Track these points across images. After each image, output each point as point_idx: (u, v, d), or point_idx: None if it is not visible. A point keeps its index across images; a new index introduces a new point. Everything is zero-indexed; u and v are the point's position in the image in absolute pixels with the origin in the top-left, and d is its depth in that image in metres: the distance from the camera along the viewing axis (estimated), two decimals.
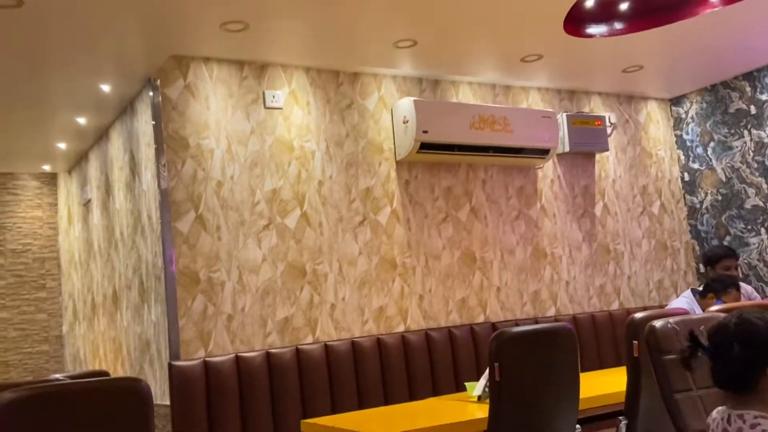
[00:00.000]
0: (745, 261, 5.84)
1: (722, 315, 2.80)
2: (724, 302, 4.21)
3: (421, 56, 4.71)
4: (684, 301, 4.54)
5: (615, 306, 5.73)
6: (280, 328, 4.21)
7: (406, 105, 4.79)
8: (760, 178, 5.80)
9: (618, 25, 4.73)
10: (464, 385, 3.37)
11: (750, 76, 5.86)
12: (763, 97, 5.77)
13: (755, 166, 5.82)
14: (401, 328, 4.66)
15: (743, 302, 4.04)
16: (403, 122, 4.79)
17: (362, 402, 4.11)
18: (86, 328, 6.00)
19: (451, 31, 4.35)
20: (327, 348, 4.13)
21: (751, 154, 5.85)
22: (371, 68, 4.84)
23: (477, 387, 3.15)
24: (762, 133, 5.78)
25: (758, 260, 5.79)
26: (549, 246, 5.50)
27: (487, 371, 2.77)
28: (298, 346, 4.10)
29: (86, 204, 5.96)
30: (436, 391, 4.32)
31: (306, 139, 4.57)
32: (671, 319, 2.70)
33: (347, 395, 4.05)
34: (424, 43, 4.48)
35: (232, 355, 3.88)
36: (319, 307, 4.38)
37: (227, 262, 4.12)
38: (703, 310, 4.17)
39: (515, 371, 2.66)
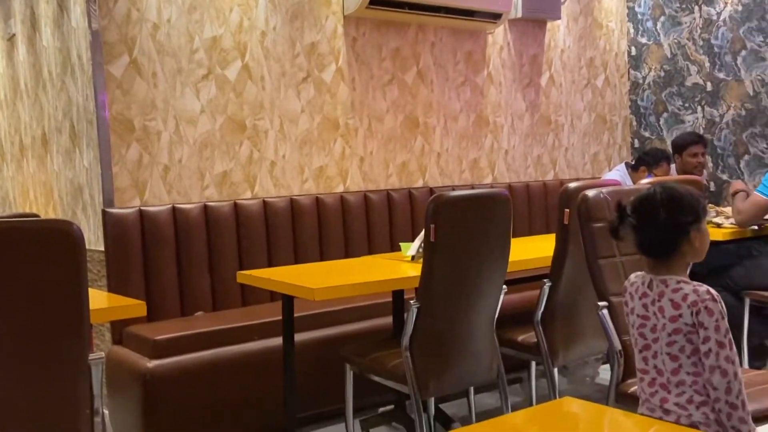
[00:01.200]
0: None
1: (649, 185, 2.91)
2: (655, 175, 4.36)
3: None
4: (617, 174, 4.69)
5: (550, 176, 5.87)
6: (218, 182, 4.16)
7: None
8: (703, 56, 5.85)
9: None
10: (399, 246, 3.45)
11: None
12: None
13: (701, 43, 5.86)
14: (340, 189, 4.68)
15: (671, 176, 4.19)
16: None
17: (298, 258, 4.18)
18: (15, 170, 5.80)
19: None
20: (265, 204, 4.13)
21: (699, 30, 5.86)
22: None
23: (411, 247, 3.23)
24: (712, 9, 5.76)
25: None
26: (492, 114, 5.51)
27: (423, 233, 2.83)
28: (236, 201, 4.08)
29: (10, 39, 5.57)
30: (371, 251, 4.42)
31: None
32: (603, 189, 2.79)
33: (284, 251, 4.11)
34: None
35: (169, 206, 3.83)
36: (259, 163, 4.33)
37: (163, 111, 3.98)
38: (635, 182, 4.32)
39: (450, 233, 2.73)
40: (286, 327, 3.03)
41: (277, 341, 3.18)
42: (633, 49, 6.37)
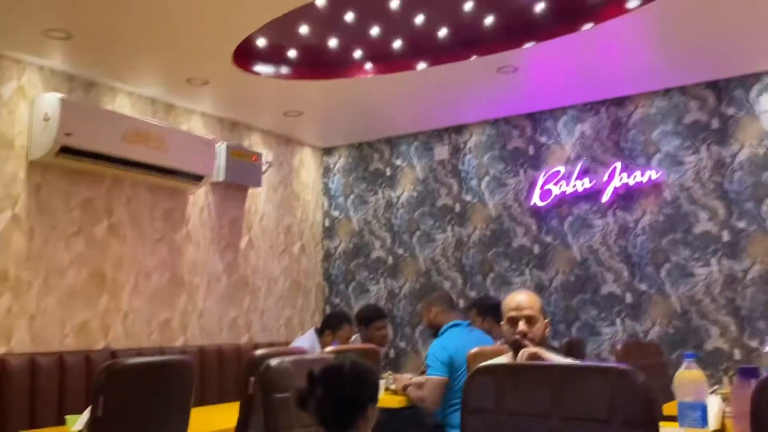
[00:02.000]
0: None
1: (332, 356, 2.99)
2: (340, 338, 4.54)
3: (76, 52, 4.31)
4: (307, 339, 4.79)
5: (245, 339, 5.81)
6: None
7: (49, 101, 4.31)
8: (386, 233, 6.48)
9: (284, 69, 4.92)
10: (65, 419, 3.04)
11: (390, 141, 6.56)
12: (398, 162, 6.50)
13: (383, 221, 6.50)
14: (1, 350, 4.08)
15: (356, 345, 4.40)
16: (44, 119, 4.30)
17: None
18: None
19: (113, 32, 4.06)
20: None
21: (382, 210, 6.52)
22: (15, 53, 4.27)
23: (78, 421, 2.86)
24: (393, 193, 6.49)
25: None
26: (189, 273, 5.38)
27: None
28: None
29: None
30: (33, 424, 3.83)
31: None
32: (287, 358, 2.79)
33: None
34: (80, 38, 4.10)
35: None
36: None
37: None
38: (323, 347, 4.45)
39: (122, 405, 2.48)
40: None
41: None
42: (327, 220, 6.84)
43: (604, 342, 5.39)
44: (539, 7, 4.29)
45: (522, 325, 2.72)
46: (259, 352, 3.07)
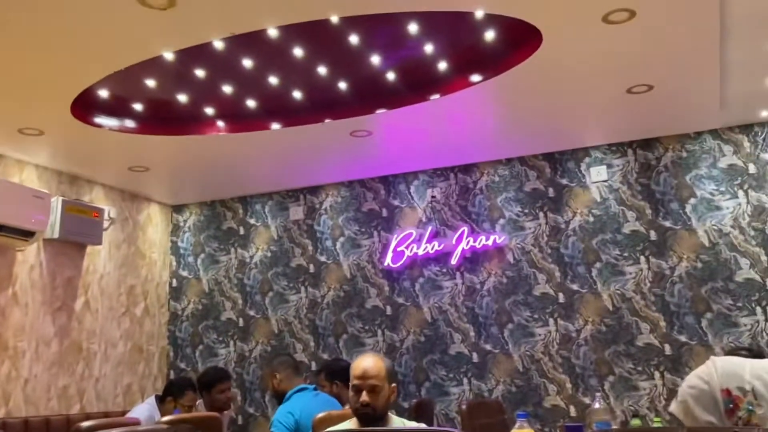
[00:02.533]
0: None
1: (165, 426, 2.81)
2: (182, 405, 4.29)
3: None
4: (147, 407, 4.48)
5: (76, 409, 5.34)
6: None
7: None
8: (237, 294, 6.27)
9: (128, 123, 4.72)
10: None
11: (244, 200, 6.44)
12: (252, 221, 6.37)
13: (235, 282, 6.30)
14: None
15: (192, 414, 4.16)
16: None
17: None
18: None
19: None
20: None
21: (234, 270, 6.33)
22: None
23: None
24: (246, 252, 6.33)
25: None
26: (13, 338, 4.90)
27: None
28: None
29: None
30: None
31: None
32: (115, 430, 2.59)
33: None
34: None
35: None
36: None
37: None
38: (163, 416, 4.17)
39: None
40: None
41: None
42: (174, 281, 6.53)
43: (452, 402, 5.47)
44: (390, 76, 4.42)
45: (365, 396, 2.70)
46: (85, 424, 2.82)
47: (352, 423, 2.86)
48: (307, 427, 3.40)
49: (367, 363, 2.78)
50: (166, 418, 3.39)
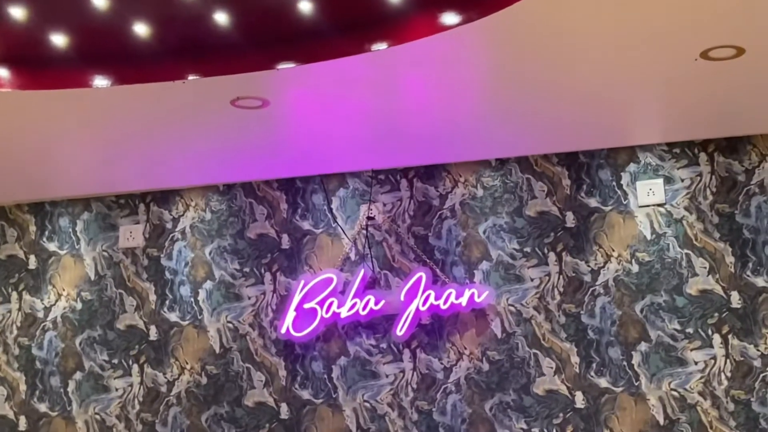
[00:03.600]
0: None
1: None
2: None
3: None
4: None
5: None
6: None
7: None
8: (19, 373, 4.12)
9: None
10: None
11: (40, 208, 4.35)
12: (51, 246, 4.04)
13: (16, 352, 4.12)
14: None
15: None
16: None
17: None
18: None
19: None
20: None
21: (15, 331, 3.99)
22: None
23: None
24: (38, 302, 4.08)
25: None
26: None
27: None
28: None
29: None
30: None
31: None
32: None
33: None
34: None
35: None
36: None
37: None
38: None
39: None
40: None
41: None
42: None
43: None
44: (305, 6, 2.51)
45: None
46: None
47: None
48: None
49: None
50: None
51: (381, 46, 3.04)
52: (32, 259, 4.24)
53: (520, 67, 3.26)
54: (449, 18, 2.91)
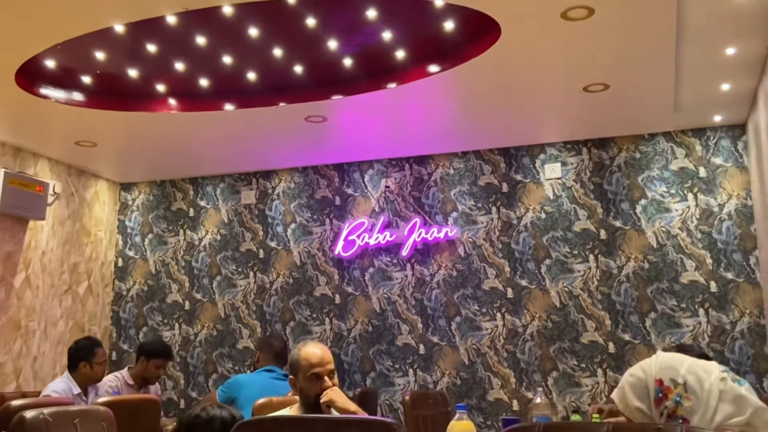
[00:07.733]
0: None
1: (103, 408, 2.71)
2: (96, 364, 4.13)
3: None
4: (60, 382, 4.31)
5: (12, 388, 5.18)
6: None
7: None
8: (185, 276, 6.15)
9: (76, 96, 4.57)
10: None
11: (195, 181, 6.30)
12: (202, 203, 6.25)
13: (183, 264, 6.17)
14: None
15: (133, 395, 4.05)
16: None
17: None
18: None
19: None
20: None
21: (182, 252, 6.20)
22: None
23: None
24: (195, 234, 6.21)
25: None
26: None
27: None
28: None
29: None
30: None
31: None
32: (45, 410, 2.50)
33: None
34: None
35: None
36: None
37: None
38: (80, 384, 4.06)
39: None
40: None
41: None
42: (120, 260, 6.38)
43: (397, 392, 5.46)
44: (348, 62, 4.36)
45: (329, 382, 2.66)
46: (16, 402, 2.72)
47: (292, 410, 2.81)
48: (247, 399, 3.35)
49: (321, 350, 2.74)
50: (102, 399, 3.28)
51: (392, 85, 4.33)
52: (191, 210, 6.26)
53: (479, 98, 4.50)
54: (433, 68, 4.16)
